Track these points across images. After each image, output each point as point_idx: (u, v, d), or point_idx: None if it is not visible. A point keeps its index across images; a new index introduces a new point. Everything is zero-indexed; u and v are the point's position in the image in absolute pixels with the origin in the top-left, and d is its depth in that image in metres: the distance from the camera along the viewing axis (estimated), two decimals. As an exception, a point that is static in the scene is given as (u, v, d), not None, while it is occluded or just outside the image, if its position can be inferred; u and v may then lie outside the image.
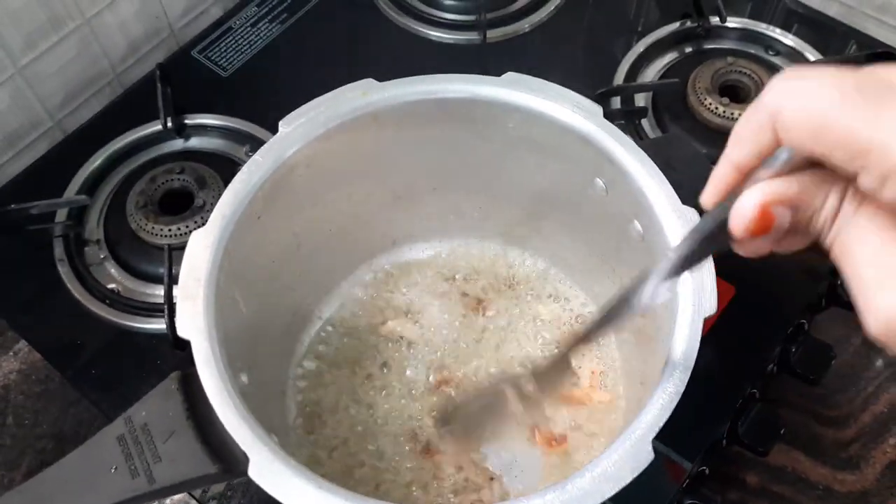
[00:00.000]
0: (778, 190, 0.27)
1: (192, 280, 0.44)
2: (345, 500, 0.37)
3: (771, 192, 0.28)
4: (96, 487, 0.41)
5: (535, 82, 0.50)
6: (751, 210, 0.28)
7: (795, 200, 0.27)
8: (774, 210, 0.27)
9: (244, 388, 0.44)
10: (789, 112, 0.26)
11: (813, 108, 0.25)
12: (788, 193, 0.27)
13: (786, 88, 0.26)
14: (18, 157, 0.80)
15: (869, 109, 0.24)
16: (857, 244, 0.27)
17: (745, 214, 0.28)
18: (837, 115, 0.24)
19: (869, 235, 0.27)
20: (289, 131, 0.49)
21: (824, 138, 0.25)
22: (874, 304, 0.26)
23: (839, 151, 0.25)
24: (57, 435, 0.72)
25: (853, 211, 0.27)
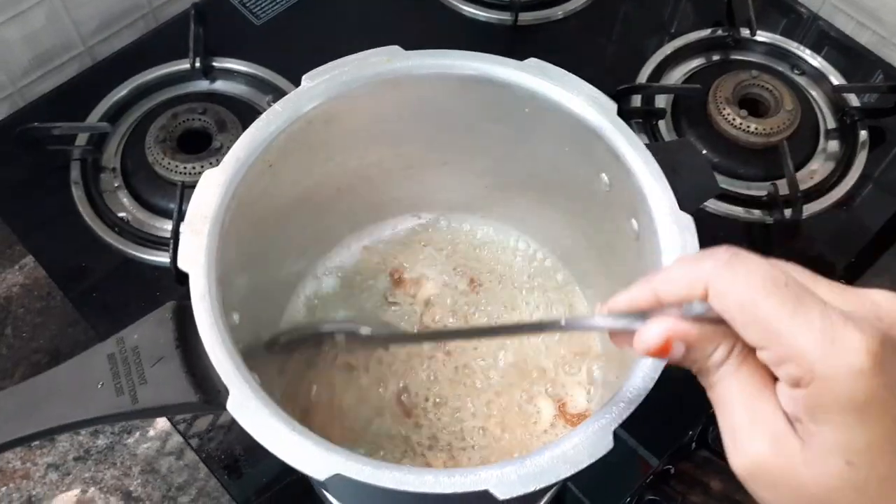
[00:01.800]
0: (682, 329, 0.32)
1: (199, 216, 0.46)
2: (314, 443, 0.39)
3: (677, 330, 0.32)
4: (82, 400, 0.43)
5: (555, 71, 0.51)
6: (656, 338, 0.32)
7: (694, 342, 0.32)
8: (675, 343, 0.32)
9: (234, 327, 0.46)
10: (725, 286, 0.30)
11: (746, 290, 0.29)
12: (690, 335, 0.32)
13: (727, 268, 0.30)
14: (47, 76, 0.82)
15: (788, 305, 0.29)
16: (734, 392, 0.31)
17: (650, 340, 0.33)
18: (763, 302, 0.29)
19: (746, 388, 0.31)
20: (311, 86, 0.50)
21: (747, 316, 0.30)
22: (742, 448, 0.31)
23: (754, 328, 0.29)
24: (53, 351, 0.74)
25: (737, 365, 0.31)
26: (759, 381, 0.31)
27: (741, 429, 0.31)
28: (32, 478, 0.69)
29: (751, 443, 0.30)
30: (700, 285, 0.31)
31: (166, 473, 0.69)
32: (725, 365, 0.32)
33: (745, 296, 0.29)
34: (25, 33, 0.77)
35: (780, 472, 0.30)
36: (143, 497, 0.68)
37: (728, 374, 0.31)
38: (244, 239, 0.49)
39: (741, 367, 0.31)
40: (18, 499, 0.68)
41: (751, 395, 0.31)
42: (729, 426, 0.32)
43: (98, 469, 0.69)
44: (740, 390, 0.31)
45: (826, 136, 0.81)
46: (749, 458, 0.31)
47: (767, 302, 0.29)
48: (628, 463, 0.64)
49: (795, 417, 0.30)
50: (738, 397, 0.31)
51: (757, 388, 0.31)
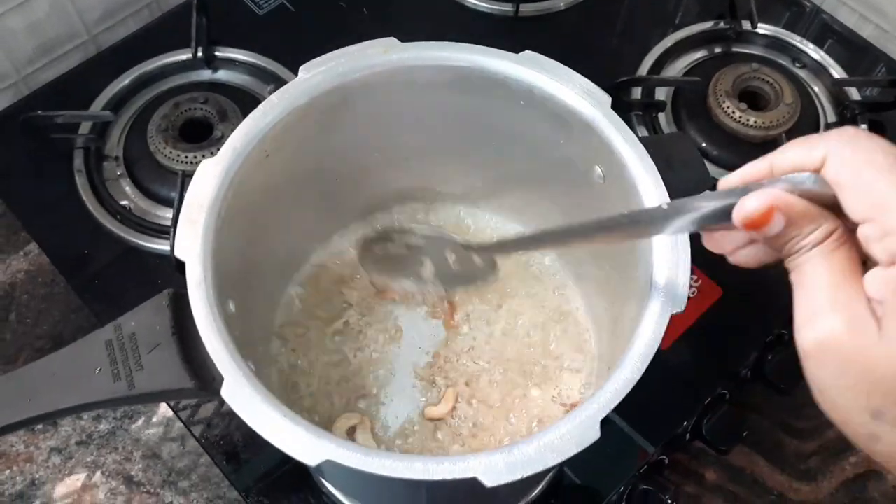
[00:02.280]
0: (789, 202, 0.32)
1: (196, 206, 0.46)
2: (306, 430, 0.40)
3: (782, 200, 0.32)
4: (80, 385, 0.44)
5: (550, 64, 0.51)
6: (760, 204, 0.32)
7: (796, 217, 0.32)
8: (776, 215, 0.32)
9: (230, 315, 0.46)
10: (845, 154, 0.31)
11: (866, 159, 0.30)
12: (795, 209, 0.32)
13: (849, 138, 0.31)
14: (51, 65, 0.82)
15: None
16: (822, 272, 0.32)
17: (753, 206, 0.32)
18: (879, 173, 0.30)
19: (835, 269, 0.31)
20: (307, 77, 0.51)
21: (860, 184, 0.30)
22: (818, 324, 0.31)
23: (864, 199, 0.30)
24: (55, 337, 0.75)
25: (832, 248, 0.32)
26: (850, 268, 0.31)
27: (821, 307, 0.31)
28: (35, 461, 0.70)
29: (828, 320, 0.31)
30: (819, 154, 0.31)
31: (167, 459, 0.70)
32: (820, 246, 0.32)
33: (863, 165, 0.30)
34: (30, 22, 0.78)
35: (852, 350, 0.30)
36: (143, 481, 0.69)
37: (820, 255, 0.32)
38: (241, 228, 0.49)
39: (836, 252, 0.32)
40: (22, 481, 0.69)
41: (838, 278, 0.31)
42: (807, 304, 0.32)
43: (100, 453, 0.70)
44: (829, 272, 0.31)
45: (826, 129, 0.81)
46: (823, 334, 0.31)
47: (883, 174, 0.30)
48: (624, 450, 0.65)
49: (881, 298, 0.30)
50: (824, 278, 0.31)
51: (845, 273, 0.31)
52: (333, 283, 0.63)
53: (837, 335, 0.30)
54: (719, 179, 0.36)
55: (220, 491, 0.68)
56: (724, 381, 0.69)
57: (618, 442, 0.65)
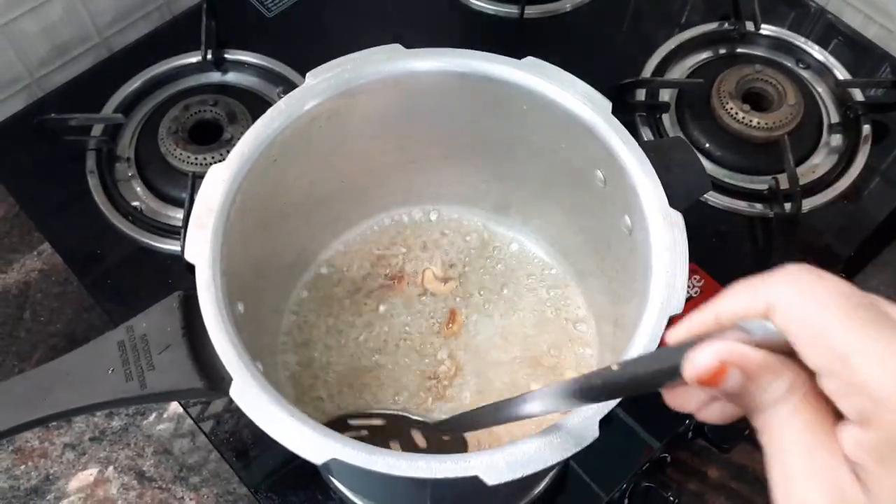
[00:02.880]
0: (743, 354, 0.28)
1: (205, 210, 0.48)
2: (312, 429, 0.41)
3: (735, 353, 0.28)
4: (94, 384, 0.45)
5: (552, 70, 0.52)
6: (709, 361, 0.28)
7: (753, 371, 0.28)
8: (730, 370, 0.28)
9: (239, 316, 0.48)
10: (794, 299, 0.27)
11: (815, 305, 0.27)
12: (751, 362, 0.28)
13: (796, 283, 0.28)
14: (64, 68, 0.84)
15: (862, 328, 0.26)
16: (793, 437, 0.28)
17: (703, 363, 0.29)
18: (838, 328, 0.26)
19: (806, 431, 0.28)
20: (314, 83, 0.52)
21: (814, 334, 0.27)
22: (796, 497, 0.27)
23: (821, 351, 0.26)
24: (69, 335, 0.77)
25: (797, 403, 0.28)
26: (821, 425, 0.27)
27: (797, 478, 0.27)
28: (50, 457, 0.71)
29: (807, 494, 0.27)
30: (763, 299, 0.28)
31: (178, 455, 0.71)
32: (784, 402, 0.28)
33: (814, 311, 0.27)
34: (43, 25, 0.79)
35: None
36: (155, 477, 0.71)
37: (786, 413, 0.28)
38: (249, 231, 0.51)
39: (803, 407, 0.28)
40: (36, 476, 0.70)
41: (810, 439, 0.27)
42: (782, 474, 0.28)
43: (113, 449, 0.72)
44: (799, 434, 0.28)
45: (829, 130, 0.81)
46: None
47: (838, 321, 0.26)
48: (628, 447, 0.66)
49: (859, 462, 0.26)
50: (795, 441, 0.28)
51: (818, 433, 0.27)
52: (340, 283, 0.64)
53: None
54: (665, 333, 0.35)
55: (230, 487, 0.70)
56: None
57: (621, 439, 0.66)
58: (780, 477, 0.28)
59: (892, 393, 0.25)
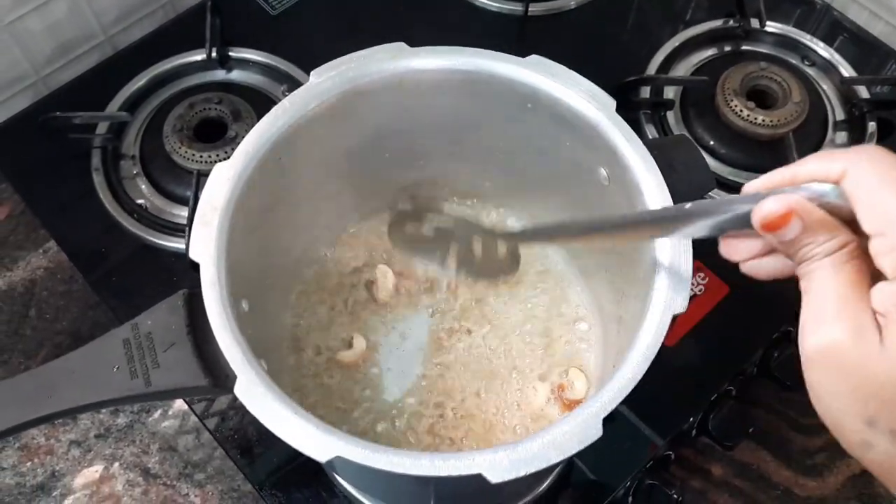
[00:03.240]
0: (807, 208, 0.33)
1: (210, 208, 0.48)
2: (315, 427, 0.41)
3: (801, 205, 0.33)
4: (99, 382, 0.45)
5: (557, 68, 0.52)
6: (779, 207, 0.33)
7: (812, 224, 0.33)
8: (793, 219, 0.33)
9: (243, 314, 0.48)
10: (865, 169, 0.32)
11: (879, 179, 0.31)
12: (813, 216, 0.33)
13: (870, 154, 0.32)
14: (69, 66, 0.84)
15: None
16: (832, 283, 0.33)
17: (772, 207, 0.33)
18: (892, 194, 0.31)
19: (845, 281, 0.32)
20: (319, 82, 0.52)
21: (875, 199, 0.31)
22: (822, 331, 0.32)
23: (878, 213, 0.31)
24: (74, 333, 0.77)
25: (844, 260, 0.33)
26: (858, 280, 0.32)
27: (827, 314, 0.32)
28: (56, 453, 0.72)
29: (832, 328, 0.32)
30: (838, 167, 0.32)
31: (183, 452, 0.72)
32: (832, 256, 0.33)
33: (879, 181, 0.31)
34: (48, 23, 0.79)
35: (854, 358, 0.31)
36: (160, 474, 0.71)
37: (831, 265, 0.33)
38: (253, 229, 0.51)
39: (846, 264, 0.33)
40: (43, 473, 0.71)
41: (847, 289, 0.32)
42: (814, 311, 0.33)
43: (118, 446, 0.72)
44: (838, 282, 0.33)
45: (835, 127, 0.81)
46: (827, 341, 0.32)
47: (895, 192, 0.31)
48: (631, 445, 0.66)
49: (884, 312, 0.31)
50: (833, 288, 0.33)
51: (854, 285, 0.32)
52: (344, 279, 0.64)
53: (840, 343, 0.32)
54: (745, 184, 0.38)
55: (234, 483, 0.70)
56: (731, 377, 0.69)
57: (625, 437, 0.66)
58: (811, 316, 0.33)
59: None
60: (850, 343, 0.31)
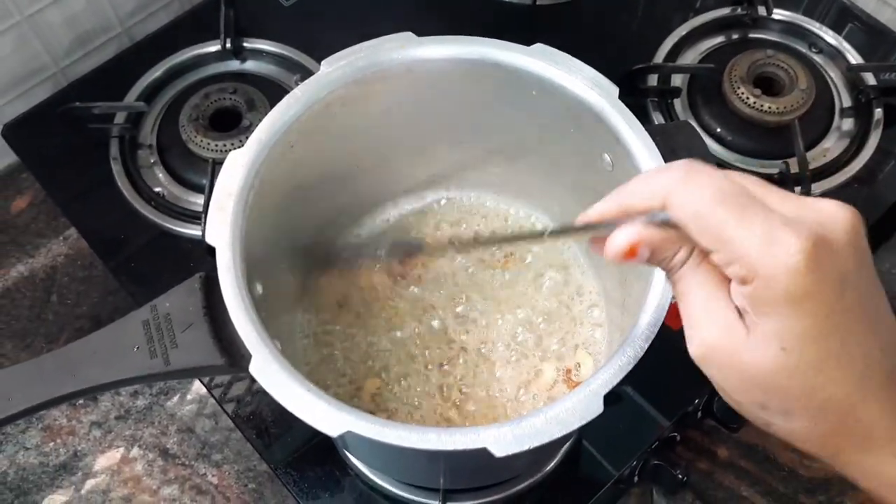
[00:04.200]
0: (646, 235, 0.36)
1: (225, 194, 0.49)
2: (327, 403, 0.43)
3: (642, 235, 0.36)
4: (120, 361, 0.47)
5: (561, 56, 0.53)
6: (623, 245, 0.36)
7: (657, 245, 0.36)
8: (640, 248, 0.36)
9: (258, 296, 0.50)
10: (681, 198, 0.34)
11: (698, 202, 0.33)
12: (654, 239, 0.36)
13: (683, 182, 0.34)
14: (87, 57, 0.86)
15: (735, 214, 0.32)
16: (693, 288, 0.36)
17: (618, 246, 0.36)
18: (713, 212, 0.33)
19: (703, 286, 0.35)
20: (329, 71, 0.53)
21: (700, 224, 0.33)
22: (698, 334, 0.36)
23: (706, 235, 0.33)
24: (95, 317, 0.79)
25: (695, 266, 0.36)
26: (715, 280, 0.35)
27: (698, 318, 0.36)
28: (77, 434, 0.74)
29: (705, 329, 0.35)
30: (660, 197, 0.35)
31: (201, 433, 0.74)
32: (686, 264, 0.36)
33: (698, 206, 0.33)
34: (67, 16, 0.81)
35: (727, 355, 0.34)
36: (179, 454, 0.73)
37: (688, 272, 0.36)
38: (267, 214, 0.52)
39: (699, 267, 0.35)
40: (65, 453, 0.73)
41: (707, 290, 0.35)
42: (687, 316, 0.36)
43: (138, 427, 0.74)
44: (698, 286, 0.35)
45: (841, 114, 0.82)
46: (703, 343, 0.35)
47: (717, 212, 0.33)
48: (638, 425, 0.67)
49: (743, 310, 0.34)
50: (696, 291, 0.36)
51: (712, 285, 0.35)
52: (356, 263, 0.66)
53: (714, 342, 0.35)
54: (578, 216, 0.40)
55: (250, 464, 0.72)
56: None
57: (631, 418, 0.67)
58: (686, 319, 0.36)
59: (758, 260, 0.32)
60: (722, 341, 0.34)
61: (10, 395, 0.47)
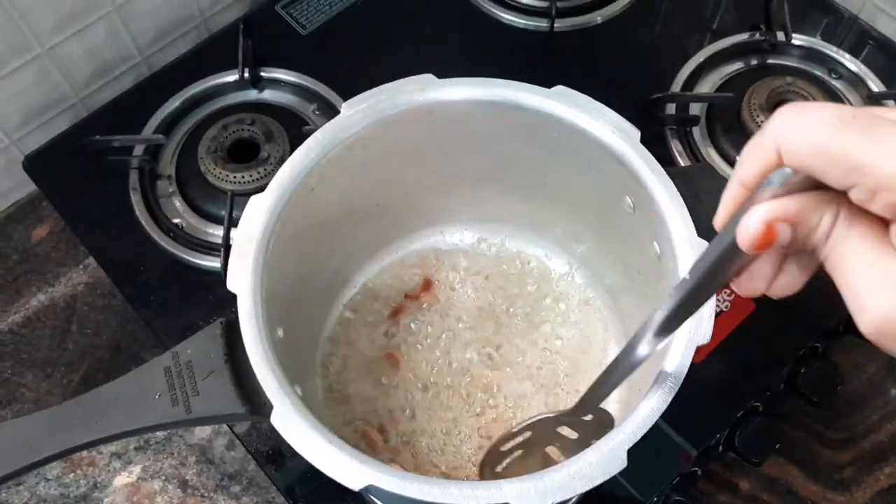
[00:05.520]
0: (779, 208, 0.31)
1: (246, 240, 0.50)
2: (349, 455, 0.43)
3: (774, 210, 0.31)
4: (142, 408, 0.47)
5: (581, 98, 0.53)
6: (756, 225, 0.31)
7: (795, 217, 0.31)
8: (777, 227, 0.31)
9: (279, 341, 0.50)
10: (794, 136, 0.29)
11: (815, 132, 0.29)
12: (789, 211, 0.31)
13: (791, 117, 0.30)
14: (107, 86, 0.86)
15: (861, 134, 0.28)
16: (851, 254, 0.30)
17: (751, 230, 0.31)
18: (835, 139, 0.28)
19: (861, 246, 0.30)
20: (350, 114, 0.54)
21: (823, 158, 0.29)
22: (868, 305, 0.30)
23: (836, 169, 0.29)
24: (114, 347, 0.80)
25: (846, 228, 0.30)
26: (873, 237, 0.30)
27: (863, 287, 0.30)
28: (98, 465, 0.74)
29: (874, 299, 0.29)
30: (773, 150, 0.30)
31: (220, 464, 0.74)
32: (834, 231, 0.31)
33: (815, 139, 0.29)
34: (87, 47, 0.82)
35: None
36: (198, 485, 0.73)
37: (840, 238, 0.31)
38: (288, 257, 0.52)
39: (851, 228, 0.30)
40: (85, 484, 0.73)
41: (866, 252, 0.30)
42: (850, 289, 0.31)
43: (157, 458, 0.74)
44: (855, 250, 0.30)
45: (862, 141, 0.81)
46: (875, 315, 0.29)
47: (839, 138, 0.28)
48: (658, 462, 0.66)
49: None
50: (854, 258, 0.30)
51: (871, 244, 0.30)
52: (376, 302, 0.66)
53: (890, 311, 0.29)
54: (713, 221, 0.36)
55: (268, 496, 0.72)
56: (757, 393, 0.70)
57: (652, 452, 0.66)
58: (848, 293, 0.30)
59: None
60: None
61: (35, 442, 0.47)
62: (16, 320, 0.81)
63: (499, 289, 0.66)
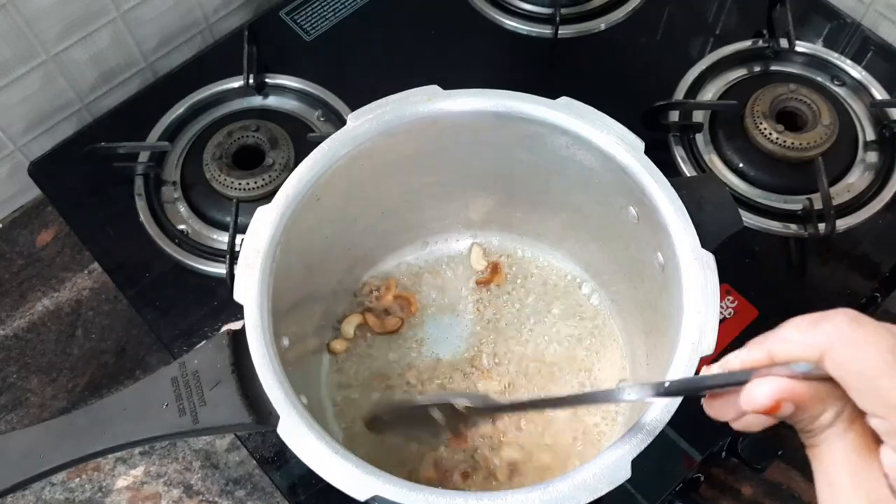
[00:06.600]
0: (795, 390, 0.32)
1: (253, 251, 0.50)
2: (354, 465, 0.43)
3: (786, 390, 0.32)
4: (149, 418, 0.48)
5: (586, 110, 0.53)
6: (767, 398, 0.32)
7: (804, 403, 0.32)
8: (784, 404, 0.32)
9: (284, 350, 0.50)
10: (845, 353, 0.30)
11: (869, 361, 0.30)
12: (802, 396, 0.32)
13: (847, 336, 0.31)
14: (112, 92, 0.87)
15: None
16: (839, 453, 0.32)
17: (760, 400, 0.32)
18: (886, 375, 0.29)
19: (853, 452, 0.32)
20: (356, 125, 0.54)
21: (866, 385, 0.30)
22: None
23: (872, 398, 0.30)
24: (119, 352, 0.80)
25: (843, 430, 0.32)
26: (865, 446, 0.31)
27: (843, 491, 0.32)
28: (103, 470, 0.75)
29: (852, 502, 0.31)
30: (817, 350, 0.31)
31: (224, 469, 0.74)
32: (833, 427, 0.32)
33: (865, 366, 0.30)
34: (92, 53, 0.82)
35: None
36: (203, 490, 0.74)
37: (834, 436, 0.32)
38: (293, 267, 0.53)
39: (848, 431, 0.32)
40: (90, 489, 0.74)
41: (855, 459, 0.31)
42: (829, 486, 0.32)
43: (162, 463, 0.75)
44: (845, 453, 0.32)
45: (865, 147, 0.81)
46: None
47: (888, 373, 0.29)
48: (661, 467, 0.67)
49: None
50: (841, 460, 0.32)
51: (862, 453, 0.31)
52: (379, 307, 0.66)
53: None
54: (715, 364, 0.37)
55: (273, 500, 0.72)
56: (760, 400, 0.70)
57: (656, 457, 0.67)
58: (826, 489, 0.32)
59: None
60: None
61: (43, 452, 0.47)
62: (21, 325, 0.81)
63: (503, 295, 0.66)
